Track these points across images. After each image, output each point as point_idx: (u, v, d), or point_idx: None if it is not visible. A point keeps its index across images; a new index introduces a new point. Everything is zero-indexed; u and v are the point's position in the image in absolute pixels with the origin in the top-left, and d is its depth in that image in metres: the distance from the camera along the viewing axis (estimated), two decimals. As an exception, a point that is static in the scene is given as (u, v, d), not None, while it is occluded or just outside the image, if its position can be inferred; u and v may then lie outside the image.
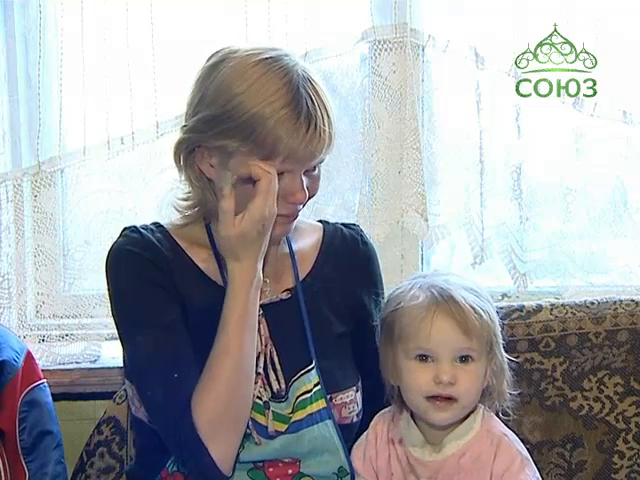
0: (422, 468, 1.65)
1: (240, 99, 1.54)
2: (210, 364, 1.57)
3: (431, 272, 1.72)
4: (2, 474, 1.76)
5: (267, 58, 1.57)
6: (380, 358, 1.70)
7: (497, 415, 1.70)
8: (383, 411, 1.74)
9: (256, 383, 1.63)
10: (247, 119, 1.54)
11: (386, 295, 1.75)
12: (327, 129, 1.58)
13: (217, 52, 1.64)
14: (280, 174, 1.58)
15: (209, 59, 1.64)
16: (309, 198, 1.64)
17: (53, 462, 1.85)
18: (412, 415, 1.69)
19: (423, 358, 1.61)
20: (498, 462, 1.61)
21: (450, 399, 1.59)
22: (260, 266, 1.59)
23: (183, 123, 1.65)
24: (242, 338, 1.57)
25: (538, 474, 1.65)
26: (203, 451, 1.54)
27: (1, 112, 2.26)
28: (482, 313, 1.60)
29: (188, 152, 1.64)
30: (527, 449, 2.00)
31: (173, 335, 1.61)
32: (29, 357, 1.86)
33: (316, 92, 1.58)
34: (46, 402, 1.88)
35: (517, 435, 2.01)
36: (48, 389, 1.90)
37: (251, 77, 1.55)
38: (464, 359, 1.60)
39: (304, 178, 1.61)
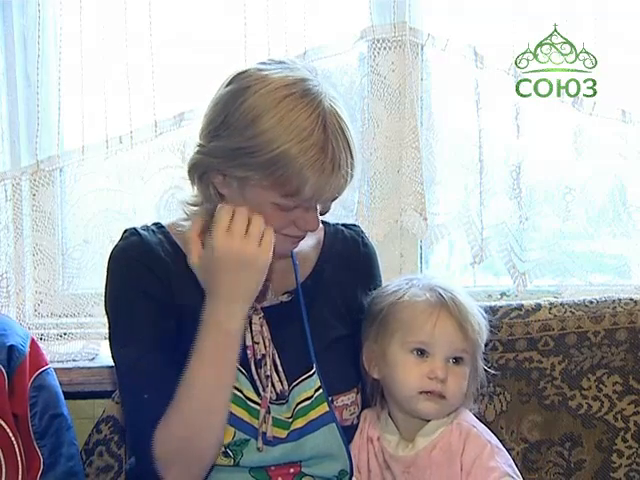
0: (395, 463, 1.68)
1: (268, 136, 1.51)
2: (178, 396, 1.55)
3: (421, 275, 1.78)
4: (18, 458, 1.76)
5: (295, 92, 1.53)
6: (364, 350, 1.72)
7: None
8: (366, 410, 1.76)
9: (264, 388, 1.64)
10: (274, 156, 1.51)
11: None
12: (350, 171, 1.56)
13: (240, 74, 1.58)
14: (295, 206, 1.57)
15: (232, 81, 1.58)
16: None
17: (67, 444, 1.85)
18: (389, 412, 1.72)
19: (420, 353, 1.65)
20: (467, 452, 1.63)
21: (440, 396, 1.64)
22: (240, 312, 1.54)
23: (199, 141, 1.61)
24: (208, 381, 1.54)
25: (512, 462, 1.66)
26: (158, 476, 1.55)
27: (1, 112, 2.25)
28: (480, 320, 1.69)
29: (204, 172, 1.62)
30: (526, 448, 2.04)
31: (154, 353, 1.59)
32: (34, 343, 1.87)
33: (342, 130, 1.55)
34: (54, 385, 1.89)
35: (516, 434, 2.02)
36: (54, 373, 1.91)
37: (279, 112, 1.51)
38: (456, 360, 1.66)
39: (318, 206, 1.61)
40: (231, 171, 1.56)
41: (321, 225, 1.80)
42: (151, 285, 1.63)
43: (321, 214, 1.64)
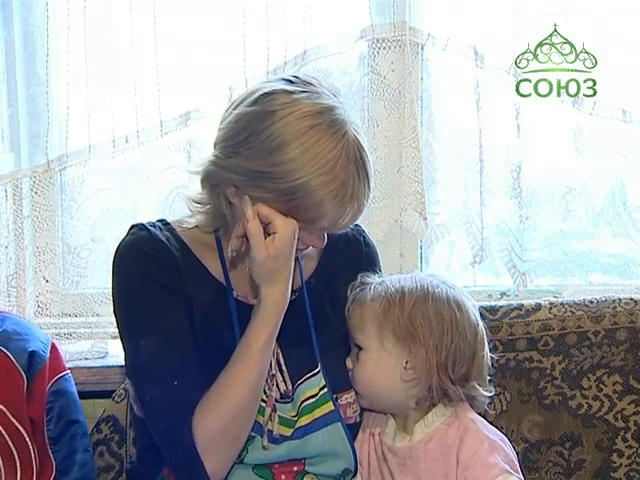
0: (391, 455, 1.70)
1: (291, 165, 1.50)
2: (224, 382, 1.57)
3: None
4: (33, 462, 1.77)
5: (322, 122, 1.52)
6: None
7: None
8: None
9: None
10: (294, 186, 1.51)
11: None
12: (365, 202, 1.59)
13: (266, 95, 1.56)
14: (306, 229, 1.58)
15: (256, 101, 1.56)
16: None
17: (80, 450, 1.85)
18: None
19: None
20: (465, 447, 1.63)
21: None
22: (290, 288, 1.59)
23: (215, 151, 1.59)
24: (262, 365, 1.58)
25: (514, 457, 1.66)
26: (197, 463, 1.55)
27: (6, 111, 2.26)
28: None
29: (217, 184, 1.61)
30: (526, 448, 2.03)
31: (175, 340, 1.61)
32: (54, 348, 1.87)
33: (363, 162, 1.56)
34: (71, 392, 1.89)
35: (516, 434, 2.02)
36: (72, 379, 1.91)
37: (305, 143, 1.50)
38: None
39: None
40: (247, 189, 1.55)
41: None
42: (162, 275, 1.64)
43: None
